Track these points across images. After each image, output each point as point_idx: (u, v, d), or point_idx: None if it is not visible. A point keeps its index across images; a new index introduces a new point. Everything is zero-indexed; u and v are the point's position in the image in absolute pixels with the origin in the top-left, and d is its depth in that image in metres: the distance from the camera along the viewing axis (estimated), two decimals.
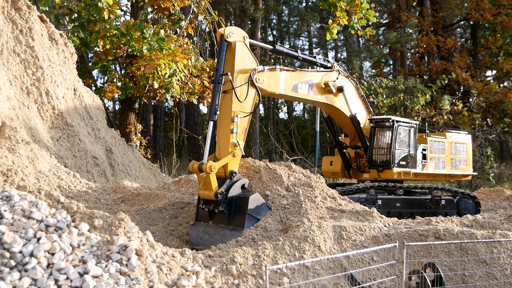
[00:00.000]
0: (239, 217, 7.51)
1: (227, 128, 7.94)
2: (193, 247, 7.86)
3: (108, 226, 4.87)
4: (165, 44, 14.13)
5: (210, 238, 7.69)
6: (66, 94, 11.28)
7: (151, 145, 23.63)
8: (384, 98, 24.17)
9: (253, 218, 7.45)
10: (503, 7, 28.26)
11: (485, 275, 6.65)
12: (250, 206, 7.42)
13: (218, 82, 7.80)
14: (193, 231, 7.97)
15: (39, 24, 10.83)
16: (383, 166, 11.02)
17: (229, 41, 8.03)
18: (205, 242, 7.72)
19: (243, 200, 7.49)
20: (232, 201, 7.64)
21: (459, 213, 11.48)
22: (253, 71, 8.29)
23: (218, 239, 7.55)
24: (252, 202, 7.46)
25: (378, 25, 34.46)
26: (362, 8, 16.31)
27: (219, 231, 7.66)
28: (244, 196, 7.59)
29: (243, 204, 7.46)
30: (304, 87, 9.66)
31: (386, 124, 11.11)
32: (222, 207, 7.54)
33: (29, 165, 8.11)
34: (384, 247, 5.99)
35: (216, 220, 7.79)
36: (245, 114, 8.12)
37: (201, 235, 7.84)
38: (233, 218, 7.58)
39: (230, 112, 7.93)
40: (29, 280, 4.03)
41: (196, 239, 7.88)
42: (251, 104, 8.34)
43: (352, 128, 11.16)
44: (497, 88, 28.62)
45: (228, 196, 7.62)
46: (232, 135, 7.88)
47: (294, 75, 9.44)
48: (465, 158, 12.63)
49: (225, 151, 7.85)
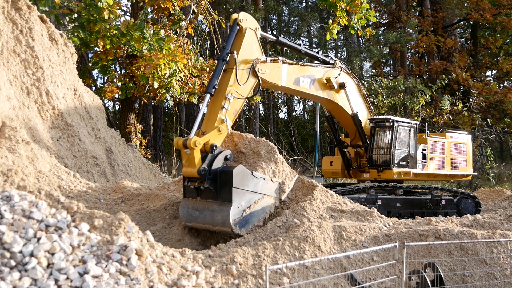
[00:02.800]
0: (225, 191, 7.36)
1: (219, 103, 7.91)
2: (185, 224, 7.85)
3: (108, 226, 4.87)
4: (165, 44, 14.13)
5: (200, 215, 7.56)
6: (66, 94, 11.28)
7: (151, 145, 23.63)
8: (384, 98, 24.16)
9: (240, 191, 7.35)
10: (503, 7, 28.25)
11: (485, 275, 6.65)
12: (235, 179, 7.27)
13: (223, 59, 7.88)
14: (182, 208, 7.84)
15: (39, 24, 10.83)
16: (383, 166, 11.02)
17: (241, 25, 8.15)
18: (196, 218, 7.61)
19: (227, 174, 7.33)
20: (216, 175, 7.44)
21: (459, 213, 11.48)
22: (256, 60, 8.33)
23: (208, 215, 7.45)
24: (237, 175, 7.31)
25: (378, 25, 34.45)
26: (362, 8, 16.32)
27: (208, 207, 7.52)
28: (228, 169, 7.40)
29: (228, 178, 7.30)
30: (306, 81, 9.67)
31: (386, 124, 11.11)
32: (207, 183, 7.35)
33: (29, 165, 8.11)
34: (384, 247, 5.99)
35: (204, 195, 7.64)
36: (240, 96, 8.12)
37: (191, 212, 7.71)
38: (220, 192, 7.42)
39: (226, 90, 7.93)
40: (29, 280, 4.03)
41: (187, 216, 7.76)
42: (249, 90, 8.36)
43: (353, 126, 11.16)
44: (497, 88, 28.59)
45: (212, 171, 7.41)
46: (222, 111, 7.84)
47: (296, 68, 9.46)
48: (465, 158, 12.63)
49: (211, 125, 7.80)
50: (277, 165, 8.18)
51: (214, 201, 7.51)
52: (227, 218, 7.21)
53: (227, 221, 7.21)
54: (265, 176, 7.85)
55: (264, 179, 7.81)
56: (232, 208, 7.24)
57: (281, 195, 8.16)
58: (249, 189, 7.52)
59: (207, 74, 16.36)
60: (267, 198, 7.89)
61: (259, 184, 7.72)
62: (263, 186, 7.80)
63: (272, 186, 7.97)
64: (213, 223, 7.45)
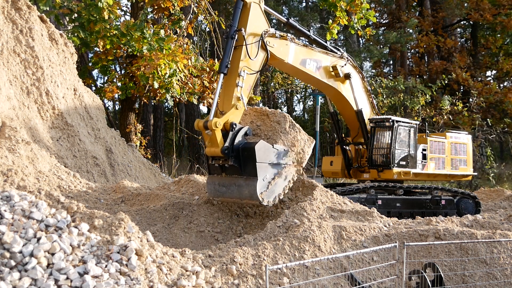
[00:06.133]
0: (249, 166, 7.64)
1: (232, 81, 8.03)
2: (213, 199, 8.31)
3: (108, 226, 4.87)
4: (165, 44, 14.13)
5: (227, 190, 7.94)
6: (66, 94, 11.28)
7: (151, 145, 23.63)
8: (384, 98, 24.17)
9: (263, 165, 7.61)
10: (503, 7, 28.23)
11: (485, 275, 6.64)
12: (258, 155, 7.54)
13: (231, 37, 7.96)
14: (209, 184, 8.23)
15: (39, 24, 10.83)
16: (383, 166, 11.01)
17: (245, 0, 8.23)
18: (223, 194, 8.02)
19: (250, 151, 7.59)
20: (239, 152, 7.73)
21: (459, 213, 11.48)
22: (265, 32, 8.41)
23: (235, 190, 7.82)
24: (259, 151, 7.56)
25: (378, 25, 34.44)
26: (362, 8, 16.32)
27: (235, 182, 7.86)
28: (250, 146, 7.66)
29: (251, 154, 7.57)
30: (312, 65, 9.71)
31: (386, 124, 11.10)
32: (231, 161, 7.66)
33: (29, 165, 8.10)
34: (384, 247, 5.99)
35: (229, 171, 7.96)
36: (252, 71, 8.21)
37: (218, 188, 8.09)
38: (244, 168, 7.72)
39: (238, 67, 8.03)
40: (29, 280, 4.02)
41: (214, 192, 8.17)
42: (259, 64, 8.46)
43: (356, 123, 11.12)
44: (497, 88, 28.59)
45: (234, 148, 7.70)
46: (237, 89, 7.98)
47: (304, 50, 9.49)
48: (465, 158, 12.63)
49: (228, 104, 7.95)
50: (296, 134, 8.37)
51: (239, 177, 7.84)
52: (254, 192, 7.57)
53: (255, 194, 7.57)
54: (286, 147, 8.10)
55: (284, 150, 8.06)
56: (258, 182, 7.56)
57: (301, 163, 8.41)
58: (272, 161, 7.80)
59: (207, 74, 16.35)
60: (289, 168, 8.16)
61: (280, 155, 7.98)
62: (284, 157, 8.06)
63: (292, 156, 8.23)
64: (240, 197, 7.83)
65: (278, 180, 7.95)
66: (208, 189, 8.29)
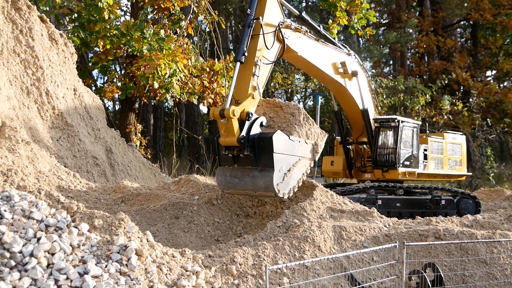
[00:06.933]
0: (266, 157, 7.42)
1: (249, 70, 7.88)
2: (223, 191, 8.08)
3: (108, 226, 4.87)
4: (165, 44, 14.13)
5: (239, 181, 7.70)
6: (66, 94, 11.28)
7: (151, 145, 23.63)
8: (384, 98, 24.17)
9: (280, 155, 7.44)
10: (503, 7, 28.24)
11: (485, 275, 6.64)
12: (275, 145, 7.36)
13: (248, 25, 7.84)
14: (220, 176, 7.99)
15: (39, 24, 10.82)
16: (389, 166, 10.99)
17: None
18: (235, 185, 7.78)
19: (267, 140, 7.40)
20: (254, 141, 7.52)
21: (459, 213, 11.49)
22: (281, 23, 8.33)
23: (249, 181, 7.58)
24: (276, 141, 7.39)
25: (378, 25, 34.44)
26: (362, 8, 16.32)
27: (248, 173, 7.62)
28: (268, 136, 7.48)
29: (268, 144, 7.38)
30: (323, 59, 9.69)
31: (392, 124, 11.08)
32: (247, 151, 7.44)
33: (29, 165, 8.10)
34: (384, 247, 5.98)
35: (242, 162, 7.72)
36: (268, 61, 8.15)
37: (229, 179, 7.85)
38: (260, 158, 7.49)
39: (254, 56, 7.87)
40: (29, 280, 4.02)
41: (224, 184, 7.92)
42: (275, 54, 8.36)
43: (360, 122, 11.08)
44: (497, 88, 28.60)
45: (250, 138, 7.50)
46: (253, 78, 7.85)
47: (316, 44, 9.46)
48: (461, 159, 12.72)
49: (244, 93, 7.77)
50: (310, 126, 8.30)
51: (253, 168, 7.59)
52: (270, 183, 7.34)
53: (271, 186, 7.34)
54: (300, 139, 8.00)
55: (300, 142, 7.96)
56: (275, 173, 7.35)
57: (315, 156, 8.33)
58: (288, 153, 7.66)
59: (207, 74, 16.35)
60: (303, 160, 8.06)
61: (295, 147, 7.86)
62: (299, 149, 7.95)
63: (307, 148, 8.14)
64: (254, 188, 7.58)
65: (293, 172, 7.79)
66: (218, 181, 8.04)
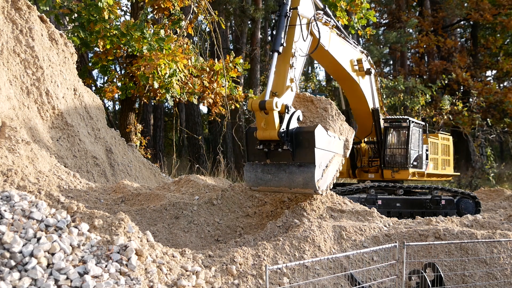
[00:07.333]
0: (305, 151, 7.11)
1: (287, 61, 7.61)
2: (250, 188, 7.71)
3: (108, 226, 4.87)
4: (165, 44, 14.13)
5: (273, 178, 7.35)
6: (66, 94, 11.28)
7: (151, 145, 23.64)
8: (384, 98, 24.16)
9: (320, 151, 7.15)
10: (503, 7, 28.26)
11: (485, 275, 6.64)
12: (317, 139, 7.08)
13: (285, 15, 7.58)
14: (249, 172, 7.61)
15: (39, 24, 10.83)
16: (399, 166, 10.98)
17: None
18: (267, 182, 7.43)
19: (309, 135, 7.09)
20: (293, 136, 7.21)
21: (459, 213, 11.49)
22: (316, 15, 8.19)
23: (285, 177, 7.25)
24: (318, 136, 7.12)
25: (378, 25, 34.45)
26: (362, 8, 16.33)
27: (285, 169, 7.27)
28: (309, 129, 7.16)
29: (310, 139, 7.08)
30: (343, 55, 9.61)
31: (403, 124, 11.08)
32: (287, 145, 7.11)
33: (29, 165, 8.10)
34: (384, 247, 5.98)
35: (275, 158, 7.38)
36: (303, 53, 7.98)
37: (261, 176, 7.48)
38: (299, 153, 7.15)
39: (291, 47, 7.63)
40: (29, 280, 4.02)
41: (254, 180, 7.56)
42: (308, 47, 8.15)
43: (368, 121, 11.02)
44: (497, 88, 28.61)
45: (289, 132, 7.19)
46: (291, 70, 7.58)
47: (339, 39, 9.36)
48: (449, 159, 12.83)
49: (282, 85, 7.47)
50: (342, 122, 8.08)
51: (289, 163, 7.27)
52: (311, 179, 7.04)
53: (311, 182, 7.04)
54: (335, 134, 7.76)
55: (335, 137, 7.72)
56: (316, 168, 7.06)
57: (346, 153, 8.10)
58: (327, 148, 7.40)
59: (207, 74, 16.35)
60: (337, 157, 7.83)
61: (332, 143, 7.61)
62: (334, 145, 7.70)
63: (340, 144, 7.90)
64: (291, 185, 7.25)
65: (330, 169, 7.51)
66: (248, 178, 7.61)
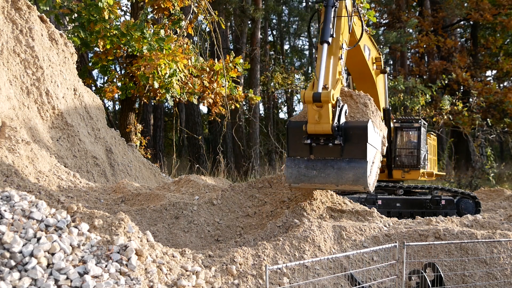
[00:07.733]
0: (357, 147, 6.86)
1: (336, 54, 7.38)
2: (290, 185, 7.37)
3: (108, 226, 4.87)
4: (165, 44, 14.13)
5: (319, 174, 7.05)
6: (66, 94, 11.28)
7: (151, 145, 23.64)
8: None
9: (370, 146, 6.93)
10: (503, 7, 28.26)
11: (485, 275, 6.65)
12: (369, 134, 6.84)
13: (332, 5, 7.31)
14: (291, 168, 7.25)
15: (39, 24, 10.83)
16: (411, 166, 10.99)
17: None
18: (311, 178, 7.12)
19: (362, 130, 6.87)
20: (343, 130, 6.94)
21: (459, 213, 11.50)
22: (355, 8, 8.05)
23: (333, 173, 6.97)
24: (370, 131, 6.89)
25: (378, 25, 34.45)
26: (362, 8, 16.31)
27: (332, 165, 6.98)
28: (361, 124, 6.95)
29: (362, 134, 6.85)
30: (367, 51, 9.53)
31: (415, 125, 11.09)
32: (339, 140, 6.84)
33: (29, 165, 8.11)
34: (384, 247, 5.98)
35: (320, 153, 7.10)
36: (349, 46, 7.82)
37: (304, 172, 7.16)
38: (349, 148, 6.88)
39: (340, 39, 7.41)
40: (29, 280, 4.02)
41: (296, 176, 7.21)
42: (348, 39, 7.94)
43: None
44: (497, 88, 28.61)
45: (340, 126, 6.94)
46: (340, 62, 7.36)
47: (365, 35, 9.18)
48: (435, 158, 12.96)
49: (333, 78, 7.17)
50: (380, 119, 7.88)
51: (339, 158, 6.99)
52: (362, 175, 6.80)
53: (362, 178, 6.82)
54: (378, 130, 7.57)
55: (378, 133, 7.53)
56: (368, 164, 6.86)
57: (383, 149, 7.93)
58: (374, 144, 7.21)
59: (207, 74, 16.35)
60: (378, 153, 7.65)
61: (376, 139, 7.43)
62: (378, 141, 7.54)
63: (379, 140, 7.71)
64: (339, 181, 6.99)
65: (374, 165, 7.30)
66: (289, 173, 7.24)
